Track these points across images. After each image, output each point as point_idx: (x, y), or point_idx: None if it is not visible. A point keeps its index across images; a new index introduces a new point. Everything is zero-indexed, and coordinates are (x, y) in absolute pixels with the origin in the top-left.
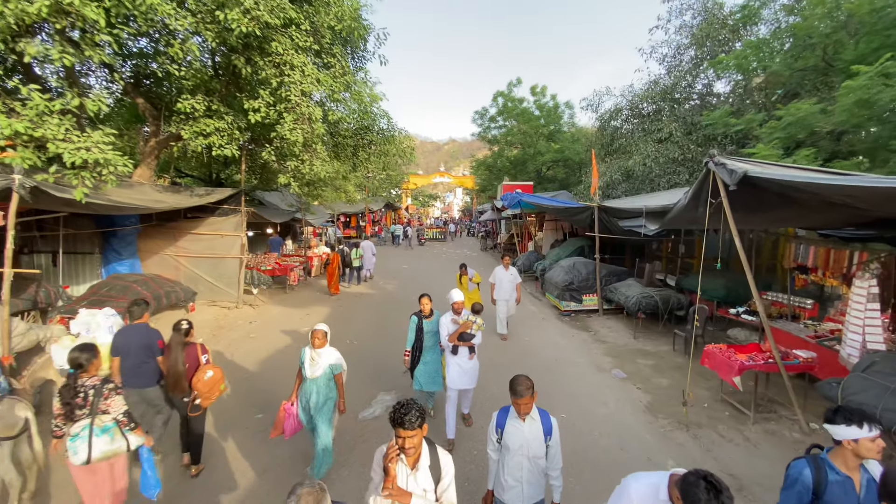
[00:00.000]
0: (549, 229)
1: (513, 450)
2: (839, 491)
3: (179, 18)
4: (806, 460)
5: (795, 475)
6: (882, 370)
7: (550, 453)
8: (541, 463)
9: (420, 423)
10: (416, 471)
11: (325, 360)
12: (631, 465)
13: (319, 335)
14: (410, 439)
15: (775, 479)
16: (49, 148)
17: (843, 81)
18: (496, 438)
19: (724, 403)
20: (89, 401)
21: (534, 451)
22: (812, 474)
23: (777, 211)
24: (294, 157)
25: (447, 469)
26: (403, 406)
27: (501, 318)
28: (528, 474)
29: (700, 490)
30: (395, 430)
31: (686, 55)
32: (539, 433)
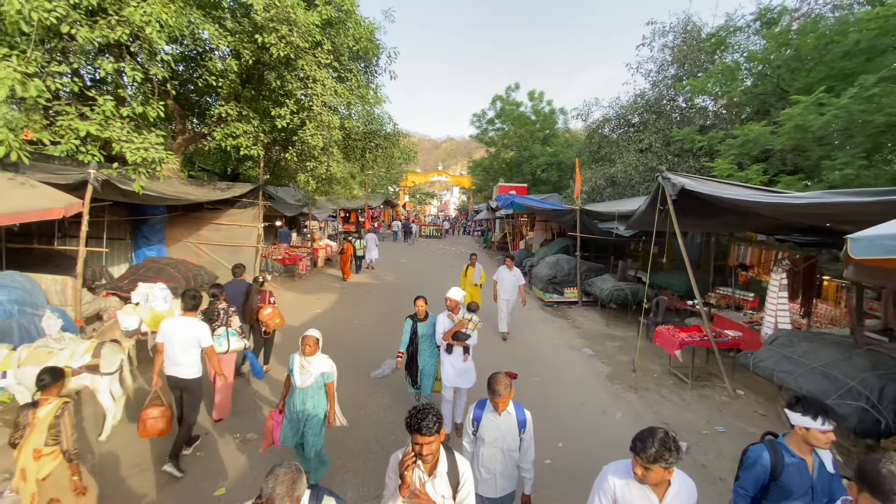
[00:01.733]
0: (540, 229)
1: (488, 442)
2: (794, 472)
3: (221, 38)
4: (764, 444)
5: (755, 458)
6: (782, 343)
7: (524, 446)
8: (514, 455)
9: (438, 428)
10: (434, 477)
11: (317, 369)
12: (586, 414)
13: (310, 342)
14: (428, 445)
15: (699, 427)
16: (114, 147)
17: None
18: (472, 431)
19: (671, 375)
20: (220, 317)
21: (508, 443)
22: (770, 457)
23: (721, 217)
24: (313, 158)
25: (466, 475)
26: (420, 411)
27: (502, 317)
28: (502, 466)
29: (644, 432)
30: (413, 436)
31: (668, 72)
32: (514, 426)
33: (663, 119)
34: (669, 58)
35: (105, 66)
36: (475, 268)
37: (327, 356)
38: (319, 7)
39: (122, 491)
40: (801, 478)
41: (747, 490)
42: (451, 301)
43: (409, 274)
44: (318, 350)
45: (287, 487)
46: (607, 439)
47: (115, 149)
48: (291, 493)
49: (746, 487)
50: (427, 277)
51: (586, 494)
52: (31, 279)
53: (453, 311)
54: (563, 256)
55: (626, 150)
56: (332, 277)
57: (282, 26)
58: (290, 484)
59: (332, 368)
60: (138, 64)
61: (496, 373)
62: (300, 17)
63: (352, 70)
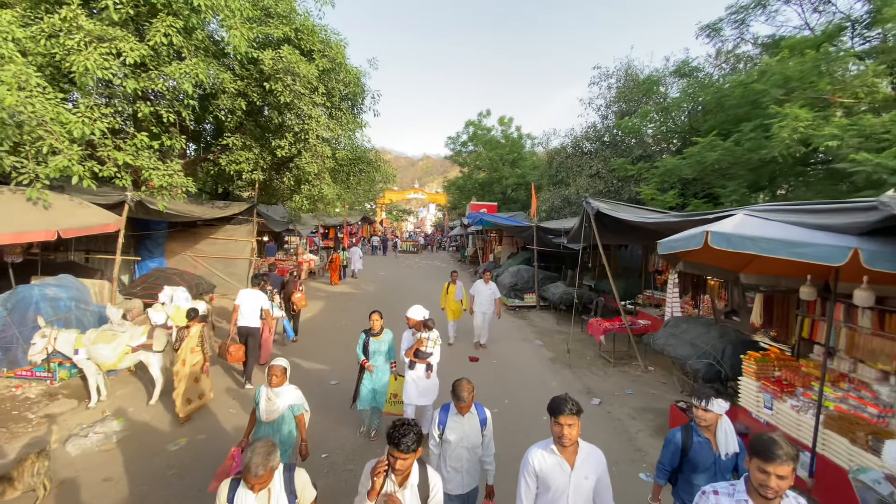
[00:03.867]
0: (507, 244)
1: (453, 443)
2: (700, 449)
3: (232, 83)
4: (681, 428)
5: (671, 437)
6: (671, 325)
7: (485, 441)
8: (477, 452)
9: (415, 447)
10: (404, 489)
11: (284, 401)
12: (530, 384)
13: (277, 372)
14: (402, 461)
15: (613, 390)
16: (143, 174)
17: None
18: (438, 434)
19: (600, 357)
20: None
21: (472, 441)
22: (682, 437)
23: (630, 233)
24: (307, 182)
25: (436, 489)
26: (403, 426)
27: (477, 328)
28: (468, 464)
29: (558, 397)
30: (390, 448)
31: (614, 108)
32: (476, 425)
33: (609, 149)
34: (614, 95)
35: (143, 109)
36: (456, 285)
37: (296, 387)
38: (317, 60)
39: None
40: (706, 455)
41: (665, 465)
42: (412, 321)
43: (387, 284)
44: (286, 381)
45: (262, 457)
46: (542, 399)
47: (143, 175)
48: (266, 462)
49: (664, 462)
50: (404, 288)
51: (522, 429)
52: (81, 282)
53: (415, 329)
54: (523, 266)
55: (578, 174)
56: (315, 288)
57: (286, 77)
58: (266, 455)
59: (302, 400)
60: (171, 108)
61: (459, 379)
62: (302, 69)
63: (342, 109)
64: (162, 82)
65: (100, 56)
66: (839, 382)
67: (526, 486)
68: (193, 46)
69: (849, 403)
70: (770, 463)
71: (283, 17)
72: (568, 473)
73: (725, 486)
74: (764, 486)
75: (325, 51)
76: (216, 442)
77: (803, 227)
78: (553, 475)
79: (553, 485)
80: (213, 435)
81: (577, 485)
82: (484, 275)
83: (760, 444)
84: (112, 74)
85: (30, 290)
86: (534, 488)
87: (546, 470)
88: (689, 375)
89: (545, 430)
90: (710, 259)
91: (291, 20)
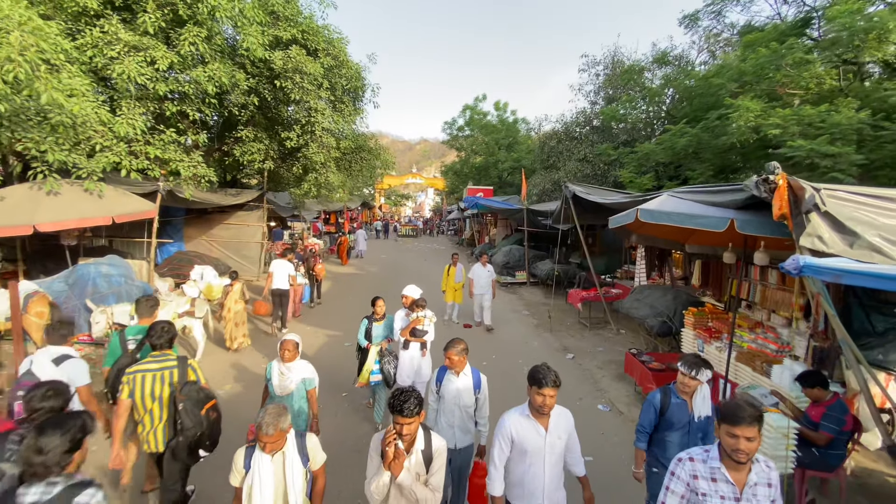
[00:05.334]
0: (501, 226)
1: (447, 400)
2: (677, 410)
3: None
4: (660, 390)
5: (650, 398)
6: (637, 292)
7: (479, 404)
8: (470, 411)
9: (417, 410)
10: (411, 454)
11: (297, 375)
12: (514, 343)
13: (290, 346)
14: (408, 426)
15: (586, 349)
16: (171, 166)
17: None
18: (436, 390)
19: (579, 323)
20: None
21: (464, 401)
22: (660, 398)
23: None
24: (314, 170)
25: (439, 453)
26: (403, 394)
27: (477, 309)
28: (460, 420)
29: (539, 367)
30: (394, 416)
31: (602, 94)
32: (470, 387)
33: (597, 134)
34: (602, 82)
35: (170, 108)
36: (457, 267)
37: (308, 362)
38: (321, 58)
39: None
40: (682, 414)
41: (645, 427)
42: (407, 299)
43: (388, 266)
44: (298, 355)
45: (273, 418)
46: (524, 354)
47: (171, 167)
48: (276, 422)
49: (644, 425)
50: (404, 269)
51: (507, 376)
52: (125, 261)
53: (410, 309)
54: (515, 246)
55: (568, 159)
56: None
57: (296, 75)
58: (276, 416)
59: (314, 374)
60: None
61: (453, 339)
62: (309, 67)
63: (344, 102)
64: (188, 85)
65: (136, 64)
66: (755, 328)
67: (500, 449)
68: (213, 50)
69: (758, 343)
70: (737, 426)
71: (290, 20)
72: (543, 436)
73: (699, 451)
74: (735, 450)
75: (328, 49)
76: (249, 394)
77: (703, 204)
78: (529, 439)
79: (530, 448)
80: (248, 386)
81: (552, 445)
82: (481, 258)
83: (727, 409)
84: (147, 79)
85: (87, 268)
86: (507, 451)
87: (522, 434)
88: (650, 333)
89: (524, 379)
90: (657, 232)
91: (298, 22)
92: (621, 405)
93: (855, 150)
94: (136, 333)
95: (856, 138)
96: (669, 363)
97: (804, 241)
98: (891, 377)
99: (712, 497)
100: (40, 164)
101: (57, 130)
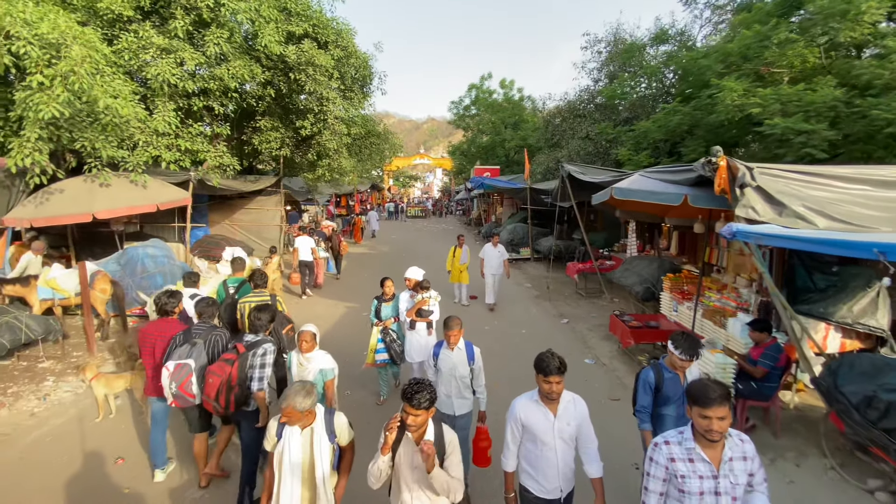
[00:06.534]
0: (507, 205)
1: (444, 372)
2: (671, 384)
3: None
4: (651, 367)
5: (644, 376)
6: (627, 262)
7: (475, 374)
8: (466, 381)
9: (428, 405)
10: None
11: (316, 365)
12: (515, 311)
13: (307, 337)
14: (415, 418)
15: (581, 315)
16: (199, 156)
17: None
18: (433, 364)
19: (576, 294)
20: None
21: (460, 372)
22: (654, 374)
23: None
24: (327, 156)
25: (453, 445)
26: (417, 384)
27: (489, 290)
28: (456, 390)
29: (544, 355)
30: (404, 404)
31: (604, 71)
32: (464, 359)
33: (599, 111)
34: (604, 60)
35: (197, 104)
36: (462, 249)
37: (326, 352)
38: (331, 50)
39: None
40: (675, 388)
41: (646, 407)
42: (410, 281)
43: (399, 245)
44: (317, 346)
45: (296, 393)
46: (523, 319)
47: (199, 157)
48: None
49: (644, 405)
50: (413, 249)
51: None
52: (166, 244)
53: (414, 290)
54: (519, 224)
55: (572, 137)
56: None
57: (308, 68)
58: (304, 394)
59: (333, 364)
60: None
61: (450, 317)
62: (320, 60)
63: (353, 90)
64: (213, 82)
65: (168, 65)
66: (722, 290)
67: (512, 433)
68: (233, 48)
69: (722, 302)
70: (708, 408)
71: (301, 15)
72: (552, 422)
73: (674, 434)
74: (709, 430)
75: (338, 41)
76: None
77: (665, 182)
78: (538, 424)
79: (538, 432)
80: None
81: (560, 430)
82: (492, 238)
83: (696, 391)
84: (178, 79)
85: (135, 250)
86: (519, 435)
87: (531, 419)
88: (637, 298)
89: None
90: (637, 207)
91: (309, 17)
92: (605, 359)
93: (829, 127)
94: (234, 283)
95: (832, 115)
96: (647, 321)
97: (740, 211)
98: (830, 326)
99: (691, 477)
100: (93, 160)
101: (107, 130)
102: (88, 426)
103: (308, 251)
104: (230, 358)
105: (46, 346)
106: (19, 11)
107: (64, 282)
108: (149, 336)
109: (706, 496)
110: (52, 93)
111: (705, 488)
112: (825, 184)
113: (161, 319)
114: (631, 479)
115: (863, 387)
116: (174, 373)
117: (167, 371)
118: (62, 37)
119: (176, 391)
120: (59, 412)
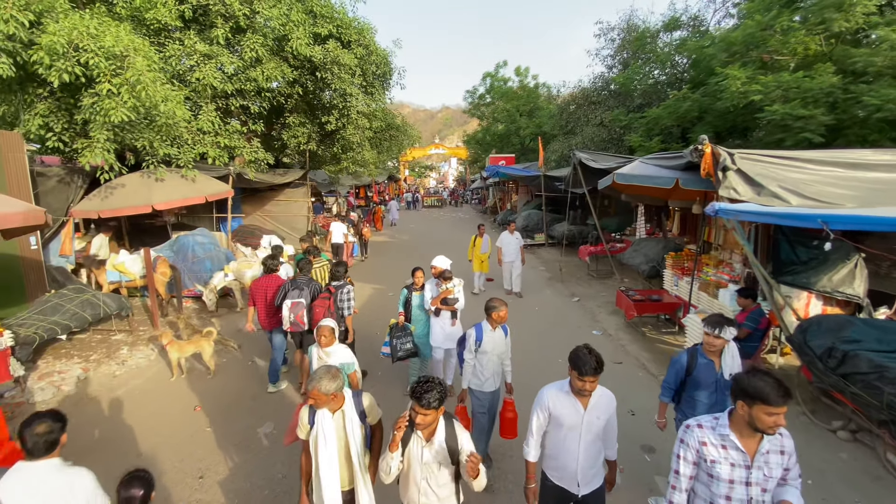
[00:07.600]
0: (522, 192)
1: (489, 353)
2: (704, 370)
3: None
4: (687, 351)
5: (676, 359)
6: (636, 244)
7: (507, 349)
8: (502, 357)
9: (438, 405)
10: (430, 444)
11: (336, 360)
12: (530, 291)
13: (325, 332)
14: (423, 417)
15: (592, 294)
16: (236, 152)
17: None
18: (475, 348)
19: (588, 275)
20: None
21: (500, 349)
22: (687, 359)
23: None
24: (351, 150)
25: (464, 442)
26: (427, 383)
27: (507, 277)
28: (495, 367)
29: (580, 352)
30: (413, 402)
31: (618, 58)
32: (502, 336)
33: (613, 98)
34: (617, 47)
35: (235, 104)
36: (483, 238)
37: (345, 346)
38: (354, 49)
39: None
40: (709, 374)
41: (670, 384)
42: (437, 269)
43: (418, 234)
44: (335, 340)
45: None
46: (537, 296)
47: (236, 153)
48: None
49: (669, 382)
50: (432, 238)
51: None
52: (211, 232)
53: (441, 279)
54: (534, 211)
55: (586, 124)
56: None
57: (333, 66)
58: (330, 377)
59: (353, 358)
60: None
61: (493, 298)
62: (344, 59)
63: (374, 86)
64: (250, 84)
65: (211, 70)
66: (719, 265)
67: (537, 420)
68: (266, 51)
69: (717, 276)
70: (778, 407)
71: (326, 17)
72: (581, 414)
73: (709, 419)
74: (774, 426)
75: (360, 40)
76: None
77: (661, 168)
78: (566, 415)
79: (566, 423)
80: None
81: (589, 423)
82: (508, 226)
83: (762, 389)
84: (218, 82)
85: (186, 238)
86: (544, 423)
87: (560, 409)
88: (643, 276)
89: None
90: (640, 191)
91: (333, 18)
92: (611, 331)
93: (825, 112)
94: (300, 258)
95: (830, 101)
96: (649, 295)
97: (722, 192)
98: (812, 295)
99: (722, 464)
100: (150, 157)
101: (161, 130)
102: (164, 384)
103: (341, 235)
104: (326, 296)
105: (117, 322)
106: (84, 26)
107: (131, 265)
108: (261, 287)
109: (736, 485)
110: (120, 99)
111: (736, 476)
112: (800, 166)
113: (266, 276)
114: (625, 426)
115: (825, 340)
116: (292, 307)
117: (287, 307)
118: (125, 49)
119: (294, 320)
120: (137, 374)
